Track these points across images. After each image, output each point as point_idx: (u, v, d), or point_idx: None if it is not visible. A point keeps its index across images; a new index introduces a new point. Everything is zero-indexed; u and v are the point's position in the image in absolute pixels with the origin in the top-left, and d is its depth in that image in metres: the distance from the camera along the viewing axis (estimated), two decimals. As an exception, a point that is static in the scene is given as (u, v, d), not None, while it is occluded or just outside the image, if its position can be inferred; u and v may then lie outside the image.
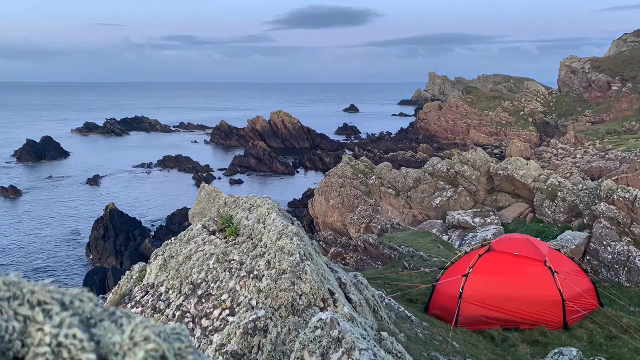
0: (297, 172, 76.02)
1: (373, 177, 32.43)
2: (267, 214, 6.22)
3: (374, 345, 3.28)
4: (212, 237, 6.47)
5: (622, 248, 18.63)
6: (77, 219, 50.62)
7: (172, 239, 7.20)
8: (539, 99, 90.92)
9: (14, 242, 44.06)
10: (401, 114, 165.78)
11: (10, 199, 58.03)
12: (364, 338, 3.24)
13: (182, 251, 6.43)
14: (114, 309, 1.13)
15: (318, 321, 3.31)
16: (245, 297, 5.08)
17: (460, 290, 10.55)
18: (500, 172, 27.56)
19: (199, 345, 4.94)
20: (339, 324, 3.24)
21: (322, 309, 4.82)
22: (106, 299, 7.97)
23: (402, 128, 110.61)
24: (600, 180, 26.39)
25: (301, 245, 5.39)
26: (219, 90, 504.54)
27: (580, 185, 23.71)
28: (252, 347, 4.51)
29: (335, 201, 33.05)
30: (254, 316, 4.67)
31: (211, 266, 5.73)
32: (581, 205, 22.29)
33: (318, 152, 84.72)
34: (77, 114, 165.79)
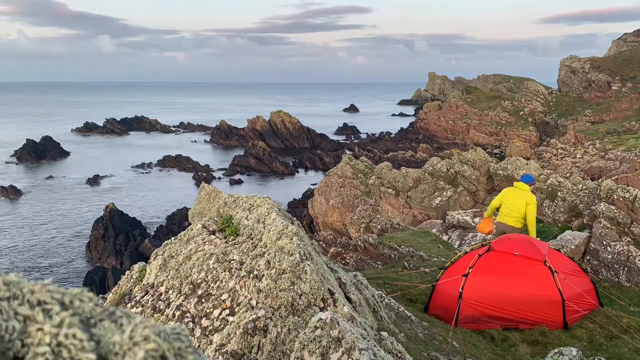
0: (297, 172, 75.96)
1: (373, 177, 32.42)
2: (267, 213, 6.22)
3: (374, 345, 3.28)
4: (212, 237, 6.46)
5: (622, 248, 18.62)
6: (77, 219, 50.62)
7: (172, 239, 7.20)
8: (539, 99, 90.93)
9: (14, 242, 44.08)
10: (401, 114, 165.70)
11: (10, 199, 58.03)
12: (364, 338, 3.24)
13: (182, 251, 6.43)
14: (114, 308, 1.13)
15: (318, 321, 3.32)
16: (245, 297, 5.08)
17: (460, 290, 10.55)
18: (500, 172, 27.56)
19: (199, 345, 4.93)
20: (339, 324, 3.24)
21: (322, 309, 4.82)
22: (106, 299, 7.96)
23: (402, 128, 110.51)
24: (600, 180, 26.38)
25: (301, 245, 5.38)
26: (220, 90, 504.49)
27: (580, 185, 23.69)
28: (252, 347, 4.51)
29: (335, 201, 33.04)
30: (254, 316, 4.68)
31: (211, 266, 5.73)
32: (581, 205, 22.27)
33: (318, 152, 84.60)
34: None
